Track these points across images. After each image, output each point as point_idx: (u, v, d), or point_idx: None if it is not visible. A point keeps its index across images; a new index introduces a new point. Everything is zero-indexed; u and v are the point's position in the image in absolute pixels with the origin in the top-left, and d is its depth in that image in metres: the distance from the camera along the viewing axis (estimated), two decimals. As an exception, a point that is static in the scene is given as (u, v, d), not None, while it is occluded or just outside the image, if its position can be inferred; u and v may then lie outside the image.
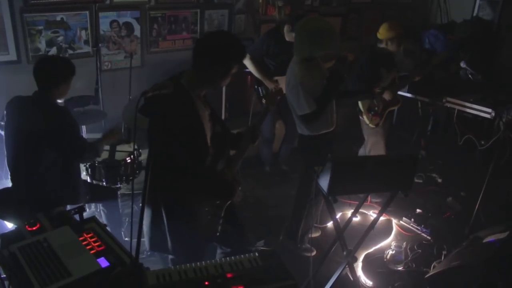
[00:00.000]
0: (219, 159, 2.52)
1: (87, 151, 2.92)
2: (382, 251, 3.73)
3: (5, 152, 2.98)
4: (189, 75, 2.41)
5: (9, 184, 3.09)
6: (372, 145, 4.40)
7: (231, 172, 2.58)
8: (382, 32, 4.12)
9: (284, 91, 4.37)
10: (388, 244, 3.81)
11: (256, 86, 4.60)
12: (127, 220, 3.71)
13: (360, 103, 4.19)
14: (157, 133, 2.29)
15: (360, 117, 4.31)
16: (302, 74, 3.16)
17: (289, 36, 4.31)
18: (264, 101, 3.01)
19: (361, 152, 4.69)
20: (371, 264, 3.60)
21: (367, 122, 4.21)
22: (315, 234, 3.85)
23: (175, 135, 2.31)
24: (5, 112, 2.97)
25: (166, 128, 2.28)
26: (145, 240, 2.64)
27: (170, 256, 2.71)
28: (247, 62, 4.45)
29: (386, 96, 4.15)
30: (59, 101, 3.03)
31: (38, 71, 2.79)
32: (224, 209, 2.52)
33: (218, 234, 2.54)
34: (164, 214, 2.49)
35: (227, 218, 2.57)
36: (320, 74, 3.25)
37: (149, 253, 3.34)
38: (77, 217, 2.17)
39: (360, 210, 3.15)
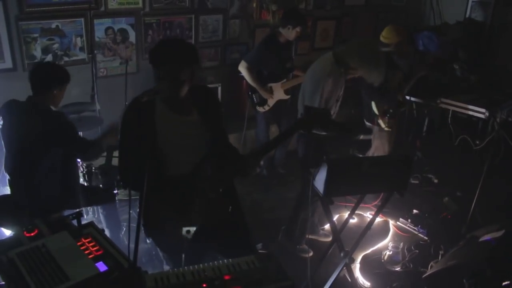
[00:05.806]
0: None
1: (92, 146, 2.95)
2: (379, 252, 3.75)
3: (4, 159, 2.99)
4: None
5: (7, 191, 3.09)
6: (376, 149, 4.39)
7: (214, 191, 2.32)
8: (390, 37, 4.01)
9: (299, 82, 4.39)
10: (386, 245, 3.83)
11: (250, 93, 4.61)
12: (124, 225, 3.71)
13: (374, 108, 4.07)
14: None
15: (368, 123, 4.30)
16: (330, 75, 3.15)
17: (289, 35, 4.33)
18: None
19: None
20: (368, 265, 3.62)
21: (383, 125, 4.12)
22: (324, 239, 3.88)
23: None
24: (0, 117, 2.99)
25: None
26: None
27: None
28: (242, 70, 4.46)
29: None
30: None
31: (33, 75, 2.84)
32: (191, 234, 2.19)
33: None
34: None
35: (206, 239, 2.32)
36: (342, 83, 3.27)
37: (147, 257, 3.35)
38: (75, 222, 2.18)
39: (357, 211, 3.17)
